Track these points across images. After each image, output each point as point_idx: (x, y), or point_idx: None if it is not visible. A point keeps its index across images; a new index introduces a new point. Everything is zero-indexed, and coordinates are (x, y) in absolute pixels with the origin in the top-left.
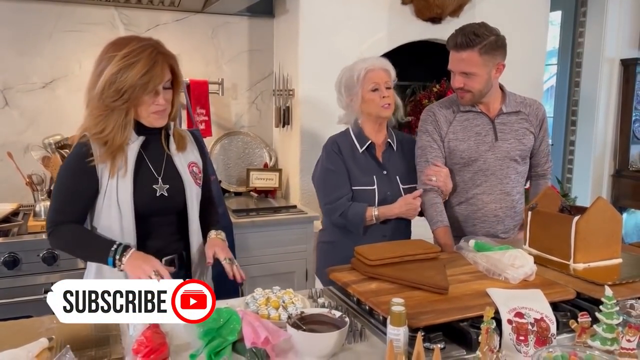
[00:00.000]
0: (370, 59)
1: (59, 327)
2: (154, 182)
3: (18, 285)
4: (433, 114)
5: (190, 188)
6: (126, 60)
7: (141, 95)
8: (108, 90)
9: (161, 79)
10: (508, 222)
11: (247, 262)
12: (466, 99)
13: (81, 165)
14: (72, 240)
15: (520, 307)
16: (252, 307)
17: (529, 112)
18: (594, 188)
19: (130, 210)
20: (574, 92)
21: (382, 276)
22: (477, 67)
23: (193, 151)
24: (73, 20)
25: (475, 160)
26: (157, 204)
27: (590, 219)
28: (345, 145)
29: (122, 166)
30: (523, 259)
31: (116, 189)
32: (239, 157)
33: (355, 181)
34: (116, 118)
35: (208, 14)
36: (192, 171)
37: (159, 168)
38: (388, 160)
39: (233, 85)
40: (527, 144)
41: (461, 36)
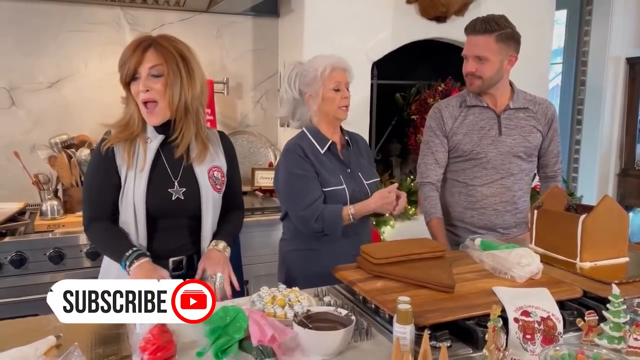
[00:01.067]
0: (333, 56)
1: (66, 325)
2: (169, 185)
3: (25, 284)
4: (439, 110)
5: (207, 194)
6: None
7: (122, 80)
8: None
9: (139, 61)
10: (508, 217)
11: (252, 261)
12: (475, 85)
13: (102, 159)
14: (98, 240)
15: (527, 305)
16: (258, 306)
17: (537, 110)
18: (599, 187)
19: (143, 209)
20: (580, 91)
21: (388, 275)
22: (492, 53)
23: (218, 154)
24: (79, 20)
25: (478, 154)
26: (170, 207)
27: (597, 217)
28: (307, 147)
29: (140, 162)
30: (529, 258)
31: (133, 186)
32: (244, 157)
33: (326, 183)
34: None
35: (213, 13)
36: (212, 176)
37: (177, 171)
38: (348, 158)
39: (238, 84)
40: (532, 142)
41: (481, 22)
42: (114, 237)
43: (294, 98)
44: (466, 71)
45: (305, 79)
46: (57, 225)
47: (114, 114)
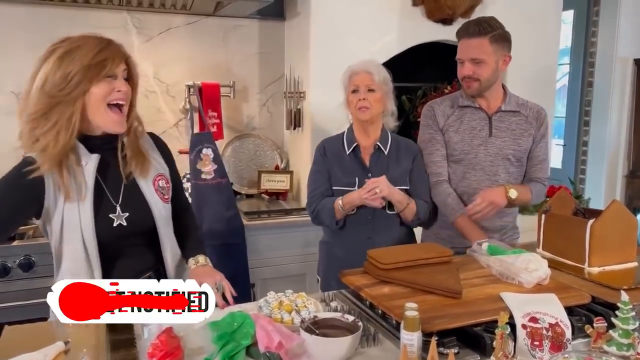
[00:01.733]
0: (358, 62)
1: (74, 331)
2: (110, 210)
3: (33, 287)
4: (431, 108)
5: (159, 210)
6: (71, 44)
7: (95, 77)
8: (52, 79)
9: (119, 60)
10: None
11: (258, 264)
12: (474, 88)
13: (23, 184)
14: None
15: (535, 311)
16: (265, 311)
17: (529, 114)
18: (607, 189)
19: (94, 241)
20: (587, 92)
21: (395, 280)
22: (487, 54)
23: (158, 160)
24: (86, 25)
25: (467, 154)
26: (116, 233)
27: (605, 222)
28: (332, 147)
29: (80, 189)
30: (537, 263)
31: (79, 218)
32: (250, 159)
33: (337, 181)
34: (59, 113)
35: (219, 17)
36: (158, 187)
37: (117, 193)
38: (375, 163)
39: (244, 87)
40: (522, 145)
41: (474, 25)
42: None
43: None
44: (463, 75)
45: (343, 85)
46: None
47: None
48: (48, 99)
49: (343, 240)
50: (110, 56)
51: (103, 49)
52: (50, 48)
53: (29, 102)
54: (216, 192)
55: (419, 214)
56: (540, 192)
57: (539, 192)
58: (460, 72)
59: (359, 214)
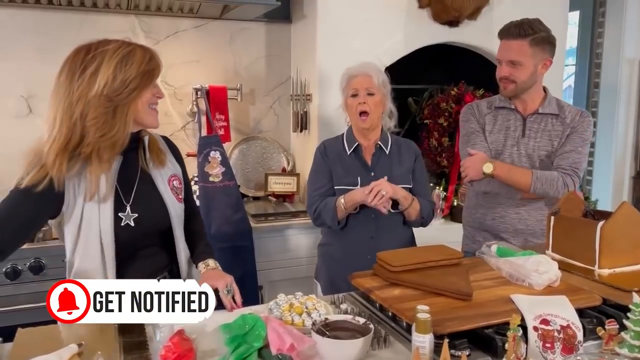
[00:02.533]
0: (358, 64)
1: (88, 333)
2: (120, 209)
3: (44, 290)
4: (471, 107)
5: (175, 209)
6: (123, 49)
7: (148, 84)
8: (112, 84)
9: (160, 69)
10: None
11: (266, 267)
12: (509, 90)
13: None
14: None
15: (546, 313)
16: (275, 313)
17: (567, 116)
18: (615, 190)
19: (112, 243)
20: (593, 92)
21: (405, 282)
22: (526, 57)
23: (171, 161)
24: (95, 29)
25: (500, 154)
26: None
27: (615, 223)
28: (333, 147)
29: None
30: (547, 265)
31: (98, 214)
32: (257, 162)
33: (338, 181)
34: (120, 116)
35: (226, 20)
36: (173, 187)
37: (129, 193)
38: (377, 162)
39: (251, 90)
40: (557, 147)
41: (515, 26)
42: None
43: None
44: (500, 75)
45: (341, 88)
46: None
47: None
48: (107, 102)
49: (345, 240)
50: (158, 65)
51: (152, 58)
52: (92, 49)
53: (86, 109)
54: (224, 195)
55: (423, 213)
56: (549, 178)
57: (548, 178)
58: (497, 73)
59: (361, 213)
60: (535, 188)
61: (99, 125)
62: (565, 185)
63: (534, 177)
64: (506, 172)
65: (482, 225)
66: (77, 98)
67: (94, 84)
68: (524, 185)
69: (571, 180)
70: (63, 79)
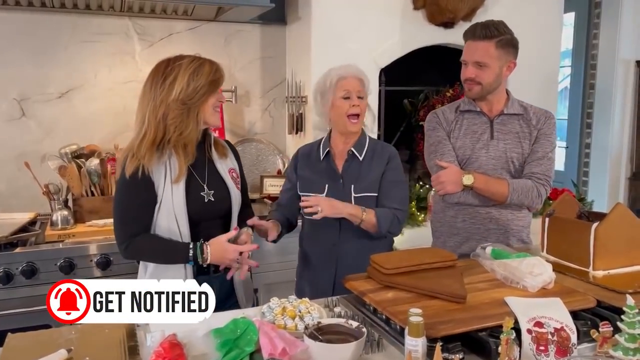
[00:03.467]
0: (345, 66)
1: (77, 338)
2: (201, 189)
3: (36, 294)
4: (436, 114)
5: (234, 192)
6: (194, 64)
7: (214, 90)
8: (186, 91)
9: (224, 78)
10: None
11: (262, 270)
12: (474, 91)
13: (141, 177)
14: (150, 250)
15: (540, 316)
16: (268, 317)
17: (532, 117)
18: (610, 191)
19: (185, 216)
20: (589, 94)
21: (399, 285)
22: (492, 59)
23: (231, 158)
24: (88, 31)
25: (469, 158)
26: (206, 209)
27: (609, 225)
28: (307, 153)
29: (176, 175)
30: (541, 267)
31: (171, 197)
32: (252, 164)
33: (305, 188)
34: (193, 116)
35: (221, 22)
36: (232, 176)
37: (203, 175)
38: (347, 169)
39: (246, 92)
40: (526, 149)
41: (481, 28)
42: (166, 241)
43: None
44: (465, 77)
45: (321, 90)
46: (68, 235)
47: (124, 123)
48: (182, 105)
49: (311, 248)
50: (222, 76)
51: (217, 70)
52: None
53: (167, 111)
54: None
55: (381, 225)
56: (525, 188)
57: (524, 188)
58: (463, 74)
59: (325, 220)
60: (512, 199)
61: (177, 124)
62: (539, 195)
63: (511, 189)
64: (484, 183)
65: (452, 228)
66: (160, 102)
67: (172, 90)
68: (500, 196)
69: (544, 190)
70: (148, 87)
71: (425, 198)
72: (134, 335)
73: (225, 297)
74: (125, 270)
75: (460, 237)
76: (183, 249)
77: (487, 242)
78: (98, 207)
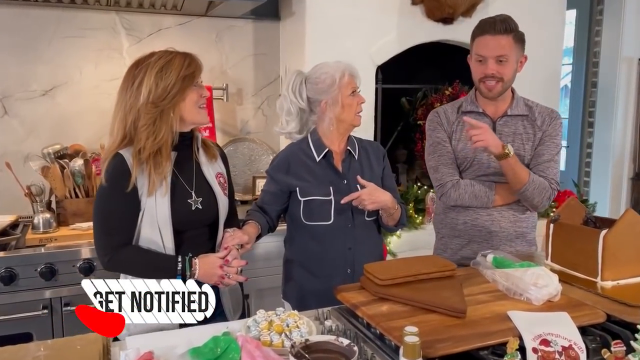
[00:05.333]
0: (343, 62)
1: (46, 355)
2: (188, 196)
3: (16, 301)
4: (437, 114)
5: (221, 199)
6: (162, 60)
7: (189, 85)
8: (155, 92)
9: (201, 70)
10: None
11: (254, 274)
12: (496, 90)
13: (124, 185)
14: (135, 264)
15: (546, 333)
16: (253, 332)
17: (537, 117)
18: (613, 192)
19: (169, 227)
20: (591, 92)
21: (394, 297)
22: (512, 53)
23: (219, 162)
24: (73, 26)
25: (471, 160)
26: (193, 217)
27: (619, 232)
28: (297, 155)
29: (160, 186)
30: (547, 278)
31: (155, 208)
32: (244, 164)
33: (307, 192)
34: (166, 119)
35: (212, 17)
36: (219, 182)
37: (191, 181)
38: (348, 169)
39: (238, 90)
40: (530, 150)
41: (500, 22)
42: (152, 255)
43: (301, 109)
44: (485, 74)
45: (320, 87)
46: (50, 239)
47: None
48: (154, 108)
49: (321, 254)
50: (197, 68)
51: (190, 63)
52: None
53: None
54: None
55: (402, 218)
56: (542, 186)
57: (540, 185)
58: (481, 71)
59: (336, 223)
60: (527, 190)
61: (149, 130)
62: (549, 199)
63: (530, 179)
64: (517, 161)
65: (453, 230)
66: (129, 109)
67: (140, 94)
68: (519, 181)
69: (554, 195)
70: (119, 93)
71: (424, 200)
72: (108, 352)
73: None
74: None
75: (462, 239)
76: (171, 264)
77: (489, 245)
78: (82, 210)
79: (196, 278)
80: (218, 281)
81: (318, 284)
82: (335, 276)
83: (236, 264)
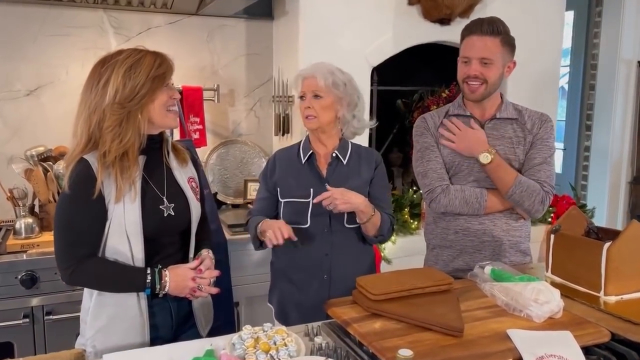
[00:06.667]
0: (309, 65)
1: None
2: (159, 202)
3: None
4: (424, 119)
5: (194, 205)
6: (132, 58)
7: (159, 87)
8: (123, 92)
9: (172, 71)
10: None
11: (243, 282)
12: (479, 92)
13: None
14: (99, 277)
15: (548, 354)
16: (238, 351)
17: (527, 121)
18: (611, 196)
19: (139, 235)
20: (589, 94)
21: (387, 313)
22: (497, 56)
23: (190, 166)
24: (59, 24)
25: (460, 165)
26: (165, 225)
27: (623, 245)
28: (285, 157)
29: (129, 191)
30: (548, 294)
31: (123, 215)
32: (236, 167)
33: (288, 193)
34: (133, 121)
35: (203, 16)
36: (191, 187)
37: (162, 186)
38: (333, 173)
39: (230, 91)
40: (520, 154)
41: (487, 23)
42: (119, 267)
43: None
44: (467, 74)
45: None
46: (32, 245)
47: None
48: (120, 109)
49: (297, 259)
50: (169, 69)
51: (162, 63)
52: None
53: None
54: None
55: (382, 229)
56: (531, 189)
57: (529, 188)
58: (464, 72)
59: (313, 227)
60: (514, 192)
61: (115, 133)
62: (542, 202)
63: (517, 181)
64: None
65: (444, 241)
66: (93, 109)
67: (106, 94)
68: (504, 186)
69: (548, 199)
70: (83, 92)
71: (419, 204)
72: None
73: (183, 321)
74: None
75: (453, 250)
76: (139, 276)
77: (481, 255)
78: None
79: (166, 291)
80: (189, 293)
81: (295, 289)
82: (312, 281)
83: (209, 275)
